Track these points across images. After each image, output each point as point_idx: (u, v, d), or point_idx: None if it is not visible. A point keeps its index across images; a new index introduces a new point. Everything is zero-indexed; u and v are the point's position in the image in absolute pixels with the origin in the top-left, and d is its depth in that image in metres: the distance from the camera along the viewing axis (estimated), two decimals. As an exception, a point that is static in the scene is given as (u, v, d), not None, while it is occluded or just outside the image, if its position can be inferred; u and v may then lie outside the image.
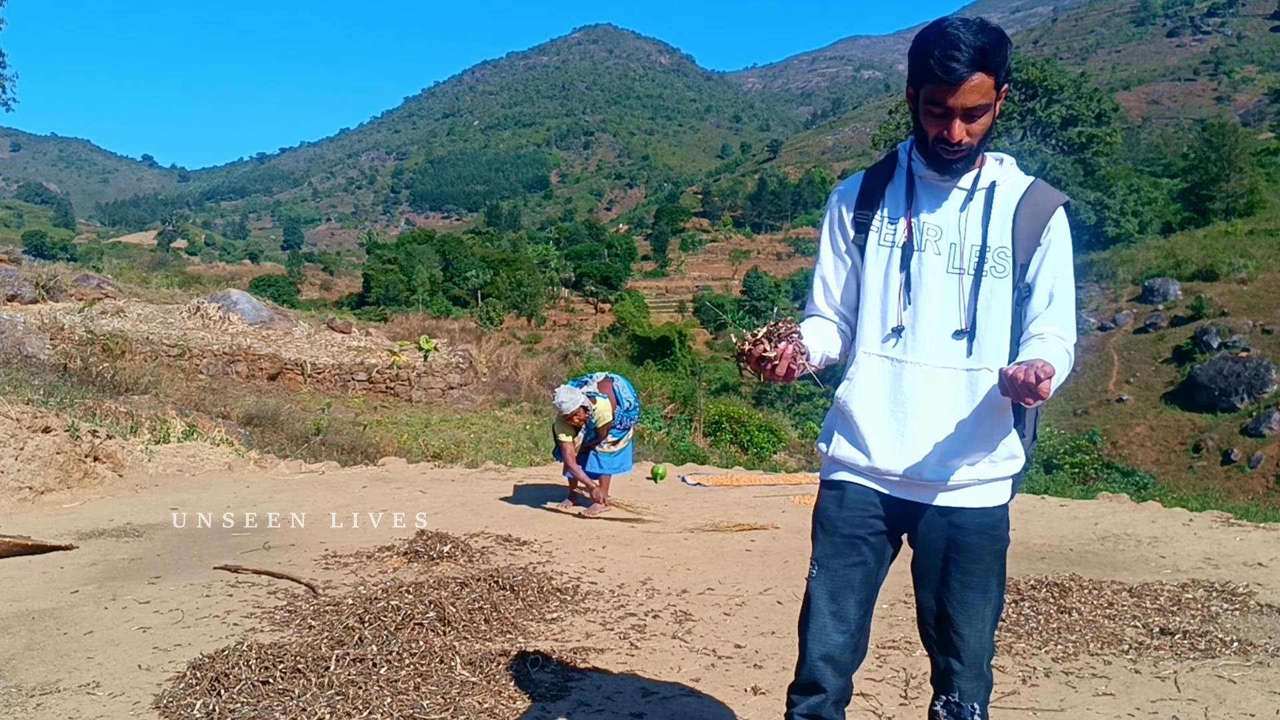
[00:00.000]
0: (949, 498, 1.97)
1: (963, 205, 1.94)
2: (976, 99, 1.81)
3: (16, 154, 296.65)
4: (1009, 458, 1.98)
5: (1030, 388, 1.68)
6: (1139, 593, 4.23)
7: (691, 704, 3.12)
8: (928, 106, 1.85)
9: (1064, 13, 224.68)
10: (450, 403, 16.84)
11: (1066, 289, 1.94)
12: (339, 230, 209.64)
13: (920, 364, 1.94)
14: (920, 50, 1.83)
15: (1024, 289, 1.94)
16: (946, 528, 1.98)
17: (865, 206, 2.01)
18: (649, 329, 41.84)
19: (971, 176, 1.95)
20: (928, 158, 1.92)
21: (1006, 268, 1.92)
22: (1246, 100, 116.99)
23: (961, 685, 2.00)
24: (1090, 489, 16.66)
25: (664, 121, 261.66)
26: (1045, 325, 1.91)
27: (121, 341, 14.67)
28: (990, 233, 1.92)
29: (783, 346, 1.80)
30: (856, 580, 2.02)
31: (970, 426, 1.93)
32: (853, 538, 2.02)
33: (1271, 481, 26.76)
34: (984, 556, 1.97)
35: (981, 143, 1.90)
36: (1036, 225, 1.92)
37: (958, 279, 1.93)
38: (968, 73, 1.78)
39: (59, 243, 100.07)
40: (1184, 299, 37.03)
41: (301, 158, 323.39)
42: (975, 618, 1.98)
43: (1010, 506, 2.05)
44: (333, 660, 3.27)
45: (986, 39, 1.79)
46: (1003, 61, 1.82)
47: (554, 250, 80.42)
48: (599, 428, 6.13)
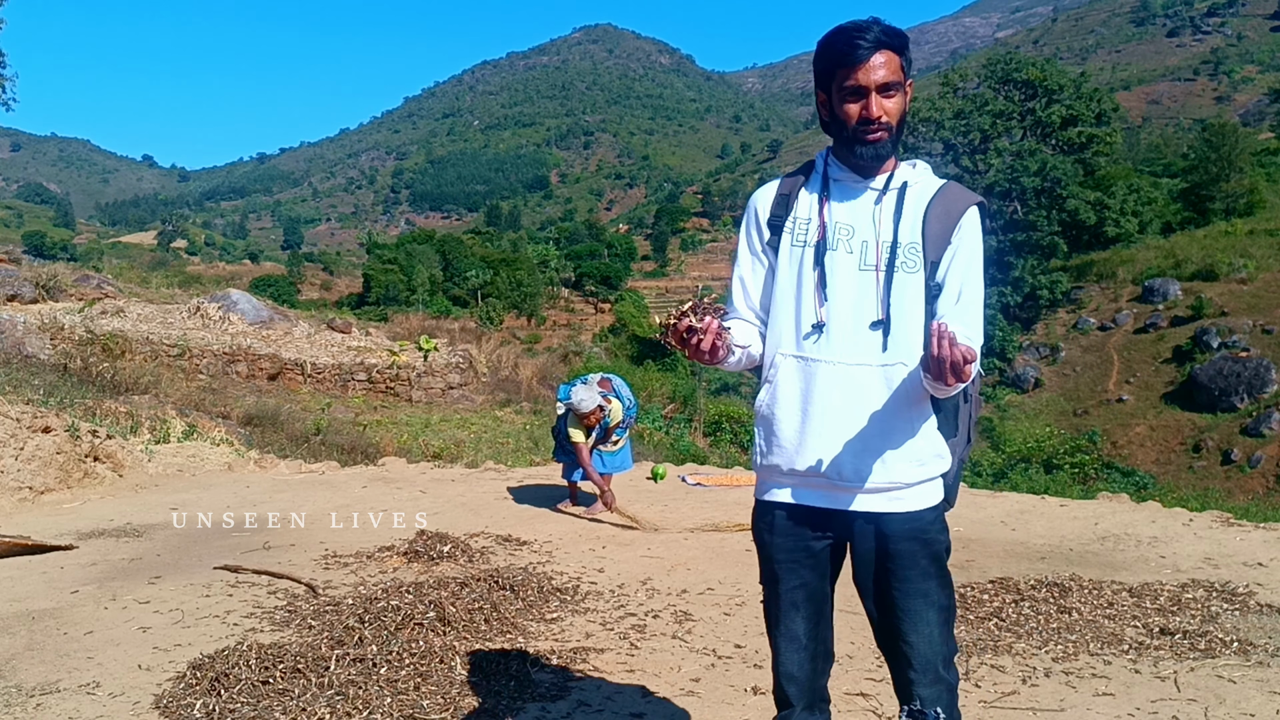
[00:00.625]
0: (873, 502, 1.94)
1: (875, 203, 1.97)
2: (887, 75, 1.88)
3: (16, 154, 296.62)
4: (935, 457, 1.96)
5: (956, 365, 1.66)
6: (1139, 593, 4.23)
7: (691, 704, 3.12)
8: (842, 94, 1.91)
9: (1064, 13, 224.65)
10: (450, 403, 16.84)
11: (975, 289, 1.94)
12: (339, 230, 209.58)
13: (835, 362, 1.93)
14: (826, 46, 1.93)
15: (934, 288, 1.94)
16: (876, 536, 1.96)
17: (780, 208, 2.04)
18: (649, 329, 41.82)
19: (884, 178, 1.97)
20: (851, 149, 1.94)
21: (918, 263, 1.93)
22: (1246, 100, 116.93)
23: (920, 692, 1.97)
24: (1090, 489, 16.66)
25: (664, 121, 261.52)
26: (953, 325, 1.86)
27: (121, 341, 14.68)
28: (901, 229, 1.94)
29: (708, 320, 1.80)
30: (800, 599, 2.04)
31: (887, 422, 1.91)
32: (788, 562, 2.03)
33: (1271, 481, 26.75)
34: (918, 562, 1.95)
35: (897, 132, 1.93)
36: (947, 224, 1.94)
37: (871, 275, 1.94)
38: (874, 49, 1.87)
39: (59, 243, 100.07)
40: (1184, 299, 37.01)
41: (301, 158, 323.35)
42: (920, 623, 1.95)
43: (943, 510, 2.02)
44: (333, 660, 3.27)
45: (885, 25, 1.91)
46: (904, 46, 1.92)
47: (554, 250, 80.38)
48: (610, 427, 6.10)
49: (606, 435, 6.16)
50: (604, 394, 6.02)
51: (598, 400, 5.89)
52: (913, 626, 1.96)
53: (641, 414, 18.14)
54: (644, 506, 6.49)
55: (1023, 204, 43.10)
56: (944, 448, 1.97)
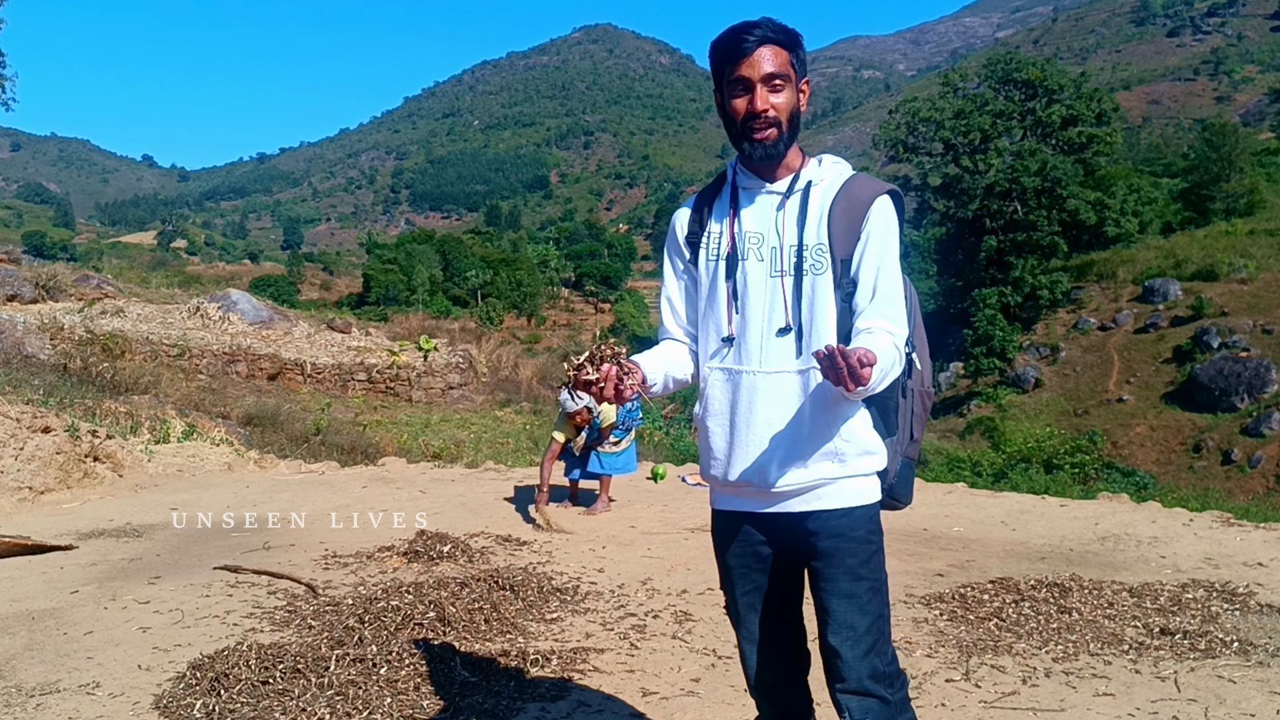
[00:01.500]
0: (801, 503, 1.94)
1: (779, 207, 1.95)
2: (772, 67, 1.86)
3: (16, 154, 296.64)
4: (860, 454, 1.93)
5: (850, 371, 1.63)
6: (1139, 593, 4.23)
7: (692, 704, 3.12)
8: (730, 89, 1.90)
9: (1064, 13, 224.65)
10: (450, 403, 16.84)
11: (891, 281, 1.90)
12: (339, 230, 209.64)
13: (753, 371, 1.94)
14: (715, 44, 1.92)
15: (848, 284, 1.91)
16: (805, 535, 1.95)
17: (696, 225, 2.04)
18: (649, 329, 41.84)
19: (788, 180, 1.96)
20: (744, 148, 1.92)
21: (825, 264, 1.90)
22: (1246, 100, 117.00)
23: (846, 702, 1.90)
24: (1090, 489, 16.65)
25: (664, 121, 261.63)
26: (872, 319, 1.87)
27: (121, 341, 14.68)
28: (806, 231, 1.91)
29: (606, 368, 1.83)
30: (756, 602, 2.05)
31: (806, 427, 1.90)
32: (739, 568, 2.06)
33: (1271, 481, 26.74)
34: (844, 560, 1.91)
35: (790, 129, 1.91)
36: (853, 219, 1.91)
37: (779, 281, 1.92)
38: (757, 44, 1.86)
39: (59, 243, 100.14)
40: (1184, 299, 36.99)
41: (301, 158, 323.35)
42: (843, 629, 1.90)
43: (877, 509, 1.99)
44: (333, 660, 3.27)
45: (776, 23, 1.90)
46: (793, 41, 1.90)
47: (554, 250, 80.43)
48: (603, 428, 6.09)
49: (602, 436, 6.12)
50: None
51: (585, 401, 5.88)
52: (836, 631, 1.91)
53: (643, 413, 18.13)
54: (644, 507, 6.50)
55: (1023, 204, 43.06)
56: (874, 444, 1.95)
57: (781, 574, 2.05)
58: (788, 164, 1.96)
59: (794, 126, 1.92)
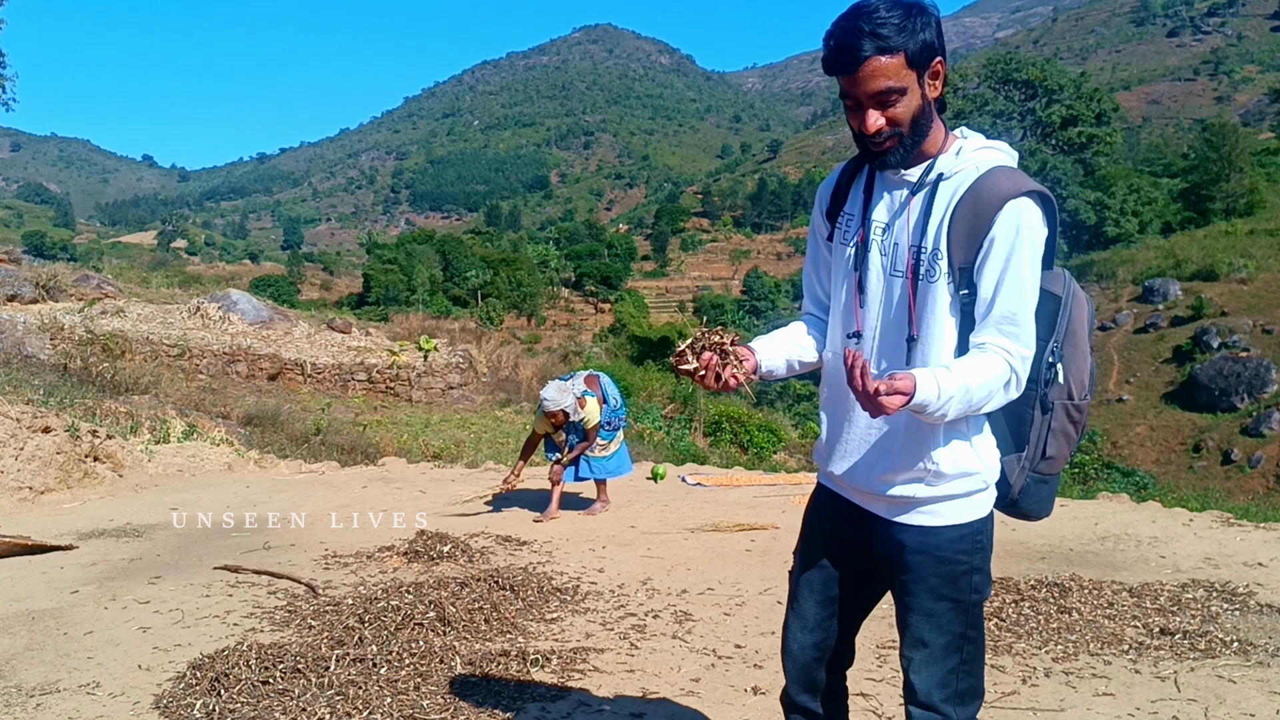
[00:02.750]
0: (889, 511, 1.89)
1: (904, 202, 1.80)
2: (882, 83, 1.68)
3: (16, 154, 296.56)
4: (959, 475, 1.81)
5: (869, 397, 1.55)
6: (1139, 593, 4.23)
7: (691, 704, 3.12)
8: (844, 99, 1.75)
9: (1064, 13, 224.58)
10: (450, 403, 16.84)
11: (1013, 294, 1.71)
12: (339, 230, 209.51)
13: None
14: (825, 48, 1.74)
15: (968, 296, 1.75)
16: (894, 545, 1.89)
17: (836, 202, 1.95)
18: (649, 329, 41.85)
19: (922, 167, 1.80)
20: (868, 158, 1.82)
21: (939, 271, 1.75)
22: (1246, 100, 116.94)
23: (911, 711, 1.88)
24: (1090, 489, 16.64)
25: (664, 121, 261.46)
26: (985, 335, 1.72)
27: (121, 341, 14.68)
28: (926, 233, 1.77)
29: (706, 357, 1.78)
30: (817, 581, 2.00)
31: (900, 441, 1.82)
32: (812, 536, 2.03)
33: (1271, 481, 26.75)
34: (927, 579, 1.84)
35: (915, 130, 1.74)
36: (977, 224, 1.72)
37: (900, 282, 1.81)
38: (863, 58, 1.66)
39: (59, 243, 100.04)
40: (1184, 299, 37.02)
41: (301, 158, 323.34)
42: (918, 643, 1.85)
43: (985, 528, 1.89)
44: (333, 660, 3.27)
45: (882, 16, 1.67)
46: (908, 38, 1.67)
47: (554, 250, 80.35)
48: (588, 429, 5.95)
49: (586, 437, 5.99)
50: (587, 392, 5.91)
51: (564, 405, 5.74)
52: (912, 646, 1.88)
53: (641, 414, 18.13)
54: (644, 507, 6.49)
55: (1023, 204, 43.12)
56: (975, 464, 1.83)
57: (852, 560, 1.99)
58: (924, 150, 1.78)
59: (919, 126, 1.74)
